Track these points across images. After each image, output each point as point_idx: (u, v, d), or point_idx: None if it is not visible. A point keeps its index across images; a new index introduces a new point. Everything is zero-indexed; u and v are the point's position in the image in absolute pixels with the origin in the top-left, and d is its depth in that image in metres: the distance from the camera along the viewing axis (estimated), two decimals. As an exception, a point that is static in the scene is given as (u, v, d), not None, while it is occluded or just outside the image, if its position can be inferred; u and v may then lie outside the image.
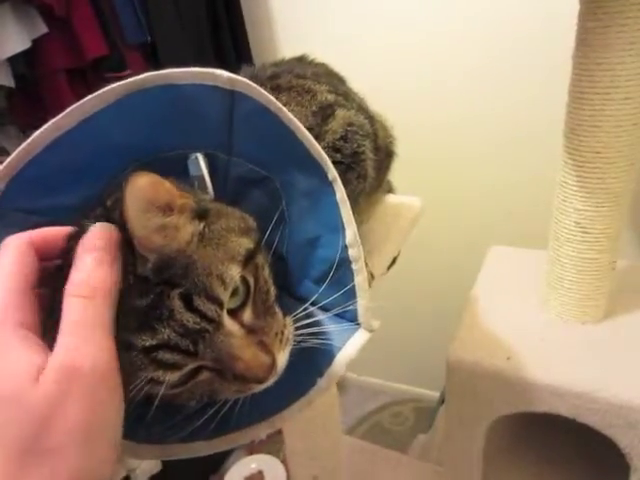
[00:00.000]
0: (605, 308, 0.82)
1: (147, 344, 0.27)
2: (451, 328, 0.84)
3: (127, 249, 0.27)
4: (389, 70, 1.26)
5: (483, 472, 0.84)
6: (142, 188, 0.27)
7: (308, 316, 0.35)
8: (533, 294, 0.88)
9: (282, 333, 0.32)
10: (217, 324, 0.28)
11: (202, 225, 0.30)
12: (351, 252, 0.33)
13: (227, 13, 1.30)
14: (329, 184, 0.33)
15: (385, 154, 0.58)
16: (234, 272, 0.29)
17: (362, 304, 0.34)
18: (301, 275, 0.36)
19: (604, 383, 0.69)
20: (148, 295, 0.27)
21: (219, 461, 1.51)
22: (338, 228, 0.34)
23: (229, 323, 0.29)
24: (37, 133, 0.29)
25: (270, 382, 0.30)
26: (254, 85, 0.31)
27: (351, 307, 0.34)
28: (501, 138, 1.20)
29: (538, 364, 0.74)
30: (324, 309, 0.36)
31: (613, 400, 0.68)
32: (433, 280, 1.36)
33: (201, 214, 0.30)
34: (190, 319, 0.27)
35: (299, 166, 0.34)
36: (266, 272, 0.32)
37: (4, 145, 1.13)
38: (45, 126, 0.29)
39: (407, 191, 0.72)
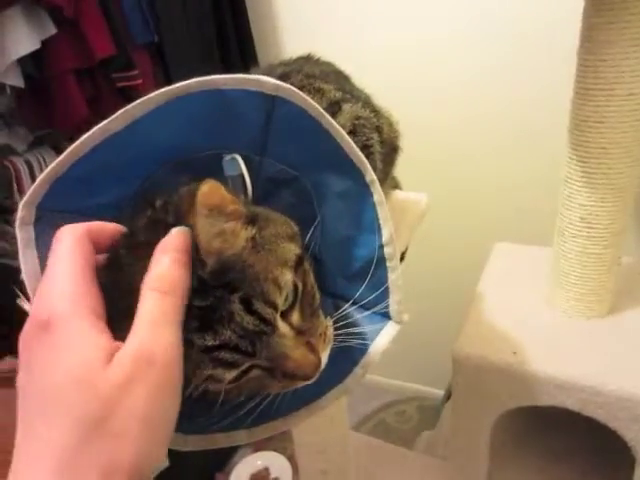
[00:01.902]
0: (610, 303, 0.82)
1: (209, 344, 0.28)
2: (455, 327, 0.85)
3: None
4: (395, 66, 1.26)
5: (489, 466, 0.85)
6: (208, 195, 0.29)
7: (345, 315, 0.36)
8: (539, 290, 0.88)
9: (325, 334, 0.34)
10: (273, 326, 0.30)
11: (254, 231, 0.31)
12: (387, 250, 0.35)
13: (232, 13, 1.31)
14: (366, 186, 0.34)
15: (390, 148, 0.59)
16: (288, 277, 0.31)
17: (395, 300, 0.36)
18: (334, 273, 0.38)
19: (609, 377, 0.70)
20: (208, 297, 0.28)
21: (225, 458, 1.52)
22: (374, 228, 0.35)
23: (282, 325, 0.31)
24: (85, 136, 0.29)
25: (314, 379, 0.32)
26: (297, 91, 0.32)
27: (385, 303, 0.36)
28: (506, 135, 1.21)
29: (544, 358, 0.74)
30: (356, 303, 0.37)
31: (618, 393, 0.68)
32: (438, 278, 1.37)
33: (251, 219, 0.32)
34: (250, 322, 0.29)
35: (334, 168, 0.35)
36: (312, 276, 0.34)
37: (13, 145, 1.14)
38: (93, 129, 0.29)
39: (412, 188, 0.73)
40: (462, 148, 1.27)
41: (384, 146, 0.53)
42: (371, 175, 0.34)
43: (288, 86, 0.31)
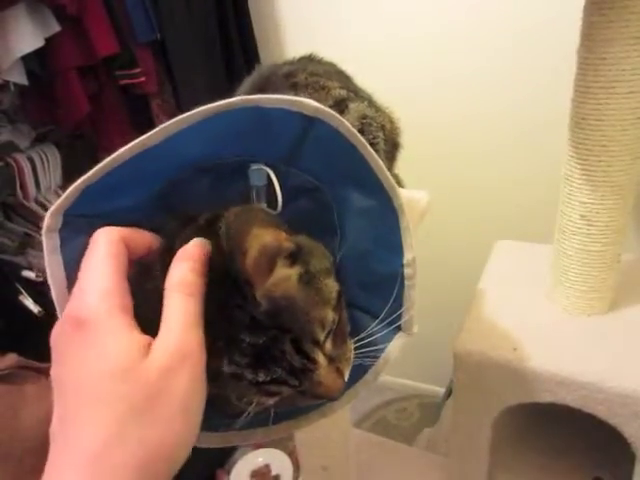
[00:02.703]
0: (610, 300, 0.82)
1: (261, 379, 0.30)
2: (456, 325, 0.85)
3: (232, 285, 0.30)
4: (396, 64, 1.27)
5: (489, 462, 0.85)
6: (266, 245, 0.30)
7: (359, 326, 0.38)
8: (539, 287, 0.89)
9: (350, 358, 0.36)
10: (317, 363, 0.32)
11: (302, 269, 0.33)
12: (407, 270, 0.37)
13: (235, 12, 1.31)
14: (393, 210, 0.35)
15: (392, 145, 0.60)
16: (330, 317, 0.32)
17: (410, 314, 0.38)
18: (349, 282, 0.39)
19: (610, 374, 0.70)
20: (261, 336, 0.30)
21: (226, 455, 1.52)
22: (396, 249, 0.36)
23: (321, 359, 0.32)
24: (122, 150, 0.30)
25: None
26: (337, 115, 0.32)
27: (397, 314, 0.38)
28: (506, 133, 1.21)
29: (544, 355, 0.74)
30: (368, 312, 0.39)
31: (619, 390, 0.68)
32: (439, 276, 1.37)
33: (296, 253, 0.33)
34: (298, 361, 0.31)
35: (360, 187, 0.36)
36: (345, 309, 0.35)
37: (16, 142, 1.15)
38: (131, 144, 0.30)
39: (413, 185, 0.73)
40: (462, 146, 1.28)
41: (387, 144, 0.54)
42: (399, 200, 0.35)
43: (328, 110, 0.32)
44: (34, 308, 1.03)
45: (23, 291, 1.05)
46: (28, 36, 0.96)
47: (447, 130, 1.27)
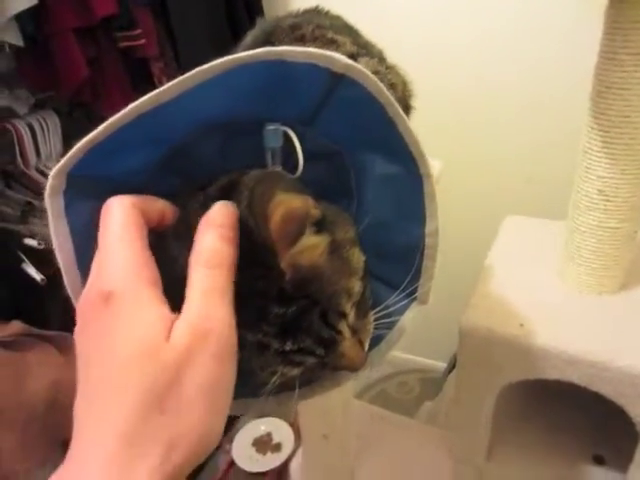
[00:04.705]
0: (622, 279, 0.81)
1: (288, 349, 0.30)
2: (461, 301, 0.84)
3: (255, 255, 0.29)
4: (409, 30, 1.22)
5: (490, 436, 0.86)
6: (294, 211, 0.29)
7: (377, 297, 0.37)
8: (549, 264, 0.87)
9: (369, 330, 0.35)
10: (342, 335, 0.32)
11: (329, 238, 0.32)
12: (429, 240, 0.36)
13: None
14: (418, 176, 0.33)
15: (404, 107, 0.57)
16: (357, 288, 0.32)
17: (427, 286, 0.38)
18: (365, 250, 0.37)
19: (618, 353, 0.69)
20: (290, 306, 0.29)
21: (228, 424, 1.54)
22: (418, 218, 0.35)
23: (345, 330, 0.32)
24: (132, 105, 0.27)
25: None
26: (368, 73, 0.30)
27: (414, 284, 0.37)
28: (521, 102, 1.17)
29: (552, 332, 0.73)
30: (383, 280, 0.38)
31: (627, 370, 0.67)
32: (444, 250, 1.36)
33: (322, 222, 0.31)
34: (325, 332, 0.30)
35: (383, 151, 0.34)
36: (368, 280, 0.34)
37: (13, 107, 1.12)
38: (143, 99, 0.27)
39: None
40: (473, 115, 1.24)
41: (399, 104, 0.51)
42: (427, 168, 0.33)
43: (359, 67, 0.29)
44: (37, 276, 1.02)
45: (26, 259, 1.04)
46: (21, -7, 0.92)
47: (459, 99, 1.23)
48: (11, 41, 0.96)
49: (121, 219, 0.28)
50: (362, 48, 0.48)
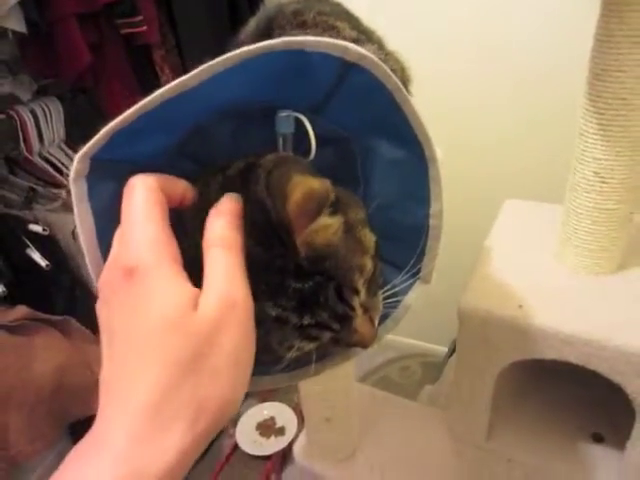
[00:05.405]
0: (619, 260, 0.82)
1: (306, 323, 0.31)
2: (460, 285, 0.85)
3: (273, 234, 0.30)
4: (406, 13, 1.22)
5: (490, 416, 0.87)
6: (314, 192, 0.29)
7: (384, 277, 0.39)
8: (547, 246, 0.88)
9: (379, 308, 0.37)
10: (355, 311, 0.33)
11: (342, 219, 0.33)
12: (432, 221, 0.37)
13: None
14: (424, 160, 0.35)
15: None
16: (370, 266, 0.33)
17: (430, 265, 0.40)
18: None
19: (615, 332, 0.70)
20: (306, 282, 0.30)
21: (232, 408, 1.57)
22: (423, 200, 0.36)
23: (358, 307, 0.33)
24: (161, 91, 0.29)
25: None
26: (380, 62, 0.31)
27: (418, 265, 0.39)
28: (517, 86, 1.17)
29: (549, 312, 0.75)
30: (388, 262, 0.39)
31: (624, 348, 0.69)
32: (444, 234, 1.36)
33: (336, 203, 0.33)
34: (340, 307, 0.32)
35: (390, 136, 0.36)
36: (378, 260, 0.36)
37: (17, 93, 1.13)
38: (170, 85, 0.29)
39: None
40: (470, 100, 1.24)
41: None
42: (432, 151, 0.34)
43: (371, 56, 0.31)
44: (42, 262, 1.04)
45: (30, 245, 1.06)
46: (24, -20, 0.92)
47: (454, 83, 1.23)
48: (14, 28, 0.97)
49: (144, 197, 0.29)
50: (362, 34, 0.49)
